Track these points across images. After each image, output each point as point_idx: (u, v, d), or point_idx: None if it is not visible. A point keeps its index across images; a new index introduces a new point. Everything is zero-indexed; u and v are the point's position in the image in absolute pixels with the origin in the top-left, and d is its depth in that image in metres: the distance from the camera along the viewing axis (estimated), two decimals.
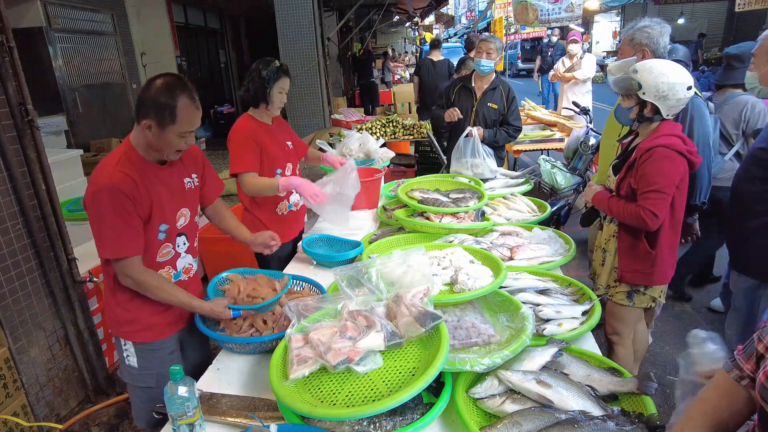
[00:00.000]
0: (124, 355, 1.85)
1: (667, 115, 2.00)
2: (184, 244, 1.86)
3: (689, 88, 1.94)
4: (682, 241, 2.68)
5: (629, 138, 2.26)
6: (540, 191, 3.88)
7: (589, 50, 17.25)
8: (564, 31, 12.54)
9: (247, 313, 1.85)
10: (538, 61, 11.99)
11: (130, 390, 1.95)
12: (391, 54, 17.62)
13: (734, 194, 2.33)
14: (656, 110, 2.00)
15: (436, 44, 7.88)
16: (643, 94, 1.98)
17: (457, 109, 3.49)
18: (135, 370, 1.85)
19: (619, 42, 2.74)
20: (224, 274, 2.08)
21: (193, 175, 1.89)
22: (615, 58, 2.86)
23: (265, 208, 2.60)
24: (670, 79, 1.92)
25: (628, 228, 2.09)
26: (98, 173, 1.63)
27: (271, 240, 2.08)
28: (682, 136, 2.01)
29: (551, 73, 7.98)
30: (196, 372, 1.74)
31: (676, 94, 1.93)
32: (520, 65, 21.89)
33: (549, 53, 11.75)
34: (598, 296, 1.95)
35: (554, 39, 11.67)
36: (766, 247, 2.17)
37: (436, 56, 7.50)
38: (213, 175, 2.03)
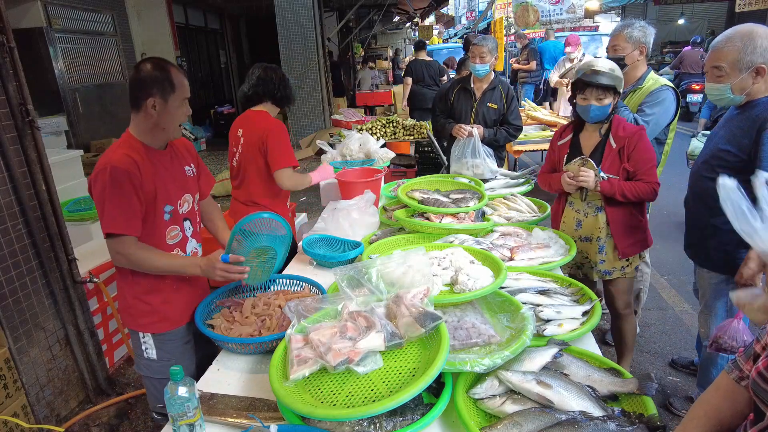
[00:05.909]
0: (143, 348, 1.90)
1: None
2: (190, 228, 1.93)
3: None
4: None
5: (568, 137, 2.49)
6: None
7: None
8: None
9: (235, 258, 1.75)
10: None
11: (148, 382, 2.01)
12: (392, 55, 17.57)
13: (696, 193, 2.34)
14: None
15: (421, 45, 7.73)
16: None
17: (464, 126, 3.40)
18: (154, 362, 1.91)
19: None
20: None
21: (191, 165, 1.97)
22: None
23: (278, 202, 2.72)
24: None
25: (618, 210, 2.33)
26: (103, 157, 1.70)
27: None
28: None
29: (552, 77, 7.06)
30: (204, 364, 1.75)
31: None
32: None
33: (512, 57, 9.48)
34: (608, 280, 2.43)
35: (518, 45, 9.27)
36: (731, 243, 2.15)
37: (424, 56, 7.36)
38: (206, 169, 2.10)
